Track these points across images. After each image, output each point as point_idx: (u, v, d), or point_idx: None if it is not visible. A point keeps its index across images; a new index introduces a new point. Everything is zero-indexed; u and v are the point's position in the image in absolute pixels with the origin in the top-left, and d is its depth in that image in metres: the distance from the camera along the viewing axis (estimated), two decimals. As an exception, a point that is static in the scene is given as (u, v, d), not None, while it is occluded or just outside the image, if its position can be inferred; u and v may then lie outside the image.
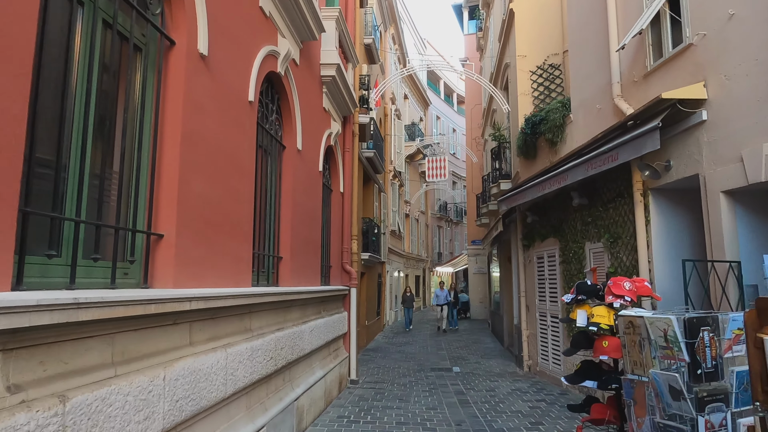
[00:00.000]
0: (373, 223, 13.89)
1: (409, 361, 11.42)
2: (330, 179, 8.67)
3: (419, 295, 28.66)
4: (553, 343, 8.70)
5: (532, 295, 9.70)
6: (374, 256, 13.71)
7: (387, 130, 18.87)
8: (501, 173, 11.81)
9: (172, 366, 2.98)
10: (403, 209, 24.16)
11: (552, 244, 8.75)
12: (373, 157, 13.37)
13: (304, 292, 5.95)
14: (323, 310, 7.43)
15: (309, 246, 6.65)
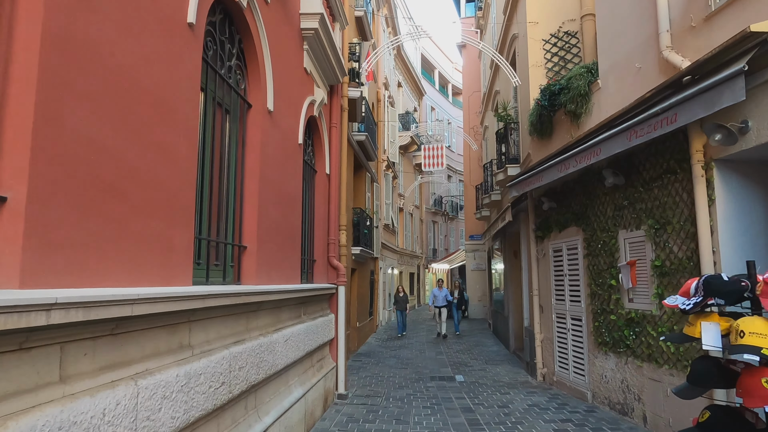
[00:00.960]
0: (365, 215, 12.60)
1: (406, 367, 10.15)
2: (314, 158, 7.36)
3: (413, 293, 27.41)
4: (574, 349, 7.47)
5: (547, 294, 8.46)
6: (366, 250, 12.41)
7: (380, 116, 17.57)
8: (508, 157, 10.56)
9: (6, 427, 1.68)
10: (397, 202, 22.89)
11: (573, 234, 7.51)
12: (365, 141, 12.07)
13: (276, 291, 4.66)
14: (304, 313, 6.13)
15: (285, 235, 5.35)
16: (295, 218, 5.81)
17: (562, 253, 7.86)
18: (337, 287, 7.65)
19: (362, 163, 13.15)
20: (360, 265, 13.10)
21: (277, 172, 5.08)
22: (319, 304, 6.96)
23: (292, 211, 5.67)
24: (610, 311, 6.45)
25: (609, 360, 6.51)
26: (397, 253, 22.77)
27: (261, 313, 4.48)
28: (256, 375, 4.05)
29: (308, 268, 6.88)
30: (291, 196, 5.64)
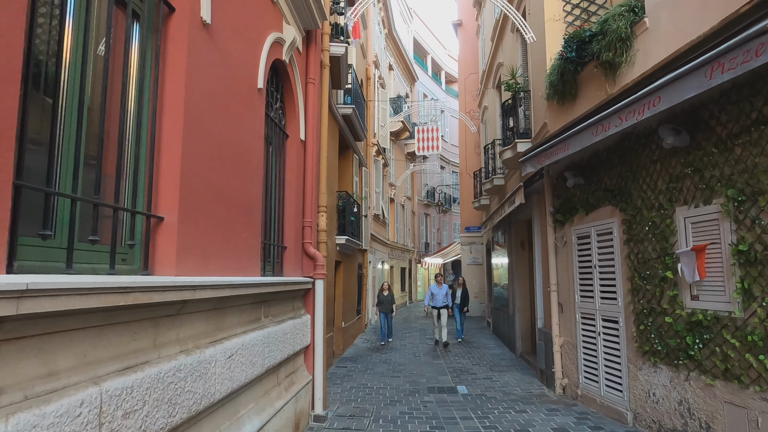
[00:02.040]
0: (352, 200, 11.10)
1: (398, 375, 8.70)
2: (284, 117, 5.85)
3: (405, 289, 25.99)
4: (608, 358, 6.06)
5: (568, 290, 7.04)
6: (353, 240, 10.92)
7: (369, 95, 16.06)
8: (517, 132, 9.12)
9: None
10: (388, 192, 21.41)
11: (607, 216, 6.08)
12: (351, 115, 10.55)
13: (215, 285, 3.16)
14: (267, 315, 4.64)
15: (234, 208, 3.85)
16: (252, 188, 4.31)
17: (591, 239, 6.43)
18: (315, 281, 6.16)
19: (349, 142, 11.64)
20: (346, 258, 11.61)
21: (221, 118, 3.57)
22: (289, 303, 5.47)
23: (247, 178, 4.16)
24: (662, 311, 5.04)
25: (660, 373, 5.10)
26: (388, 247, 21.32)
27: (185, 318, 2.98)
28: (166, 418, 2.55)
29: (276, 257, 5.38)
30: (246, 158, 4.13)
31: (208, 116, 3.36)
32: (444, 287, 12.12)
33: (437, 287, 12.16)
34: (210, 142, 3.37)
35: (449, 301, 12.06)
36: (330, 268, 9.55)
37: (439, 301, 11.98)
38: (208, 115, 3.36)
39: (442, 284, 12.19)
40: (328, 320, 9.05)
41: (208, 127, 3.34)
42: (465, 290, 13.17)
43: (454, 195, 33.71)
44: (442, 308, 11.93)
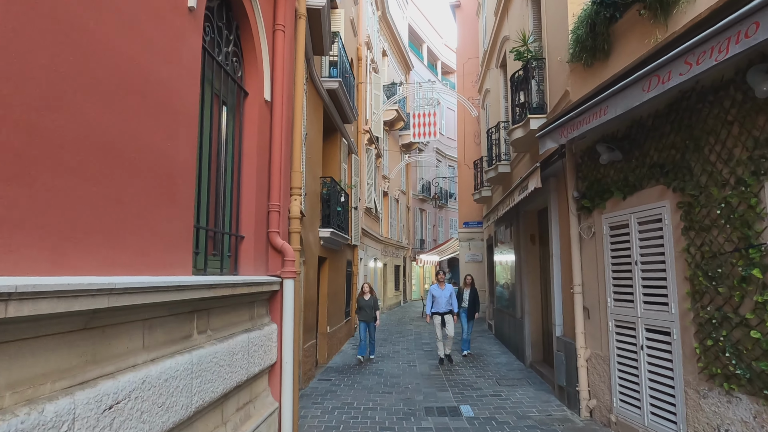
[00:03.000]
0: (339, 188, 9.77)
1: (390, 391, 7.40)
2: (240, 68, 4.52)
3: (399, 288, 24.69)
4: (655, 379, 4.78)
5: (597, 292, 5.77)
6: (339, 234, 9.60)
7: (360, 77, 14.73)
8: (529, 107, 7.83)
9: None
10: (381, 185, 20.10)
11: (655, 198, 4.80)
12: (337, 90, 9.22)
13: (72, 291, 1.83)
14: (202, 331, 3.31)
15: (140, 172, 2.52)
16: (177, 148, 2.97)
17: (630, 229, 5.15)
18: (283, 281, 4.83)
19: (335, 123, 10.31)
20: (332, 254, 10.29)
21: (95, 14, 2.24)
22: (244, 311, 4.14)
23: (166, 132, 2.83)
24: (741, 322, 3.76)
25: (737, 405, 3.82)
26: (381, 243, 20.02)
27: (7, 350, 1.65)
28: None
29: (227, 250, 4.06)
30: (165, 102, 2.80)
31: (76, 5, 2.03)
32: (448, 288, 9.65)
33: (439, 288, 9.63)
34: (70, 46, 2.05)
35: (455, 304, 9.60)
36: (311, 264, 8.24)
37: (443, 306, 9.46)
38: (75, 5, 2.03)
39: (444, 283, 9.66)
40: (308, 326, 7.73)
41: (68, 21, 2.01)
42: (474, 291, 10.73)
43: (450, 190, 32.47)
44: (447, 314, 9.48)
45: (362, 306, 9.84)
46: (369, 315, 9.78)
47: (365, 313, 9.78)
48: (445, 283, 9.77)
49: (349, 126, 12.21)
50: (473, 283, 11.09)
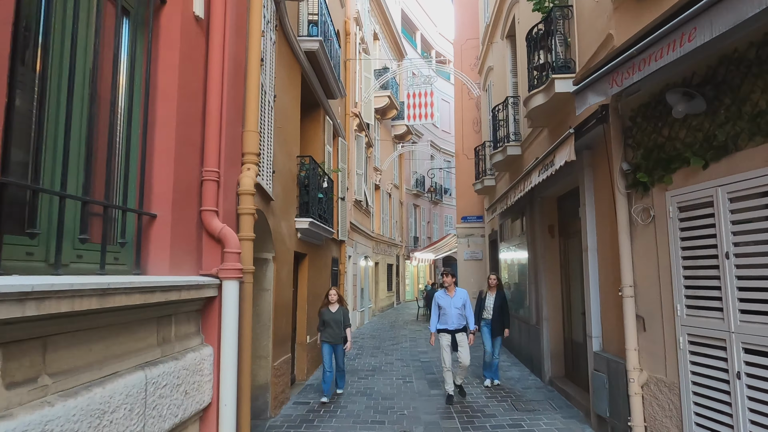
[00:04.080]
0: (321, 171, 8.24)
1: (384, 420, 5.90)
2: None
3: (392, 288, 23.18)
4: (757, 417, 3.30)
5: (658, 296, 4.30)
6: (323, 227, 8.06)
7: (349, 54, 13.20)
8: (552, 67, 6.35)
9: None
10: (372, 177, 18.58)
11: (761, 162, 3.32)
12: (318, 52, 7.69)
13: None
14: (25, 381, 1.77)
15: None
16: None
17: (716, 208, 3.67)
18: (222, 284, 3.29)
19: (316, 95, 8.77)
20: (314, 250, 8.75)
21: None
22: (147, 332, 2.60)
23: None
24: None
25: None
26: (372, 240, 18.51)
27: None
28: None
29: (121, 233, 2.54)
30: None
31: None
32: (460, 294, 6.80)
33: (446, 295, 6.77)
34: None
35: (471, 317, 6.77)
36: (285, 261, 6.72)
37: (453, 320, 6.66)
38: None
39: (454, 288, 6.83)
40: (280, 337, 6.23)
41: None
42: (503, 297, 7.69)
43: (446, 185, 31.04)
44: (460, 332, 6.71)
45: (327, 321, 6.87)
46: (336, 333, 6.86)
47: (331, 332, 6.83)
48: (456, 287, 6.86)
49: (334, 103, 10.68)
50: (500, 285, 7.91)
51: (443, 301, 6.77)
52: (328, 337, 6.85)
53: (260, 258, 6.09)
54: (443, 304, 6.75)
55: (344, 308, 7.06)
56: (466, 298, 6.81)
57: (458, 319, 6.72)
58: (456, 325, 6.70)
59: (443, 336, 6.73)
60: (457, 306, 6.72)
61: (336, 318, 6.89)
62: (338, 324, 6.89)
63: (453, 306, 6.70)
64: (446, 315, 6.73)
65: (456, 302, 6.72)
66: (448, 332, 6.72)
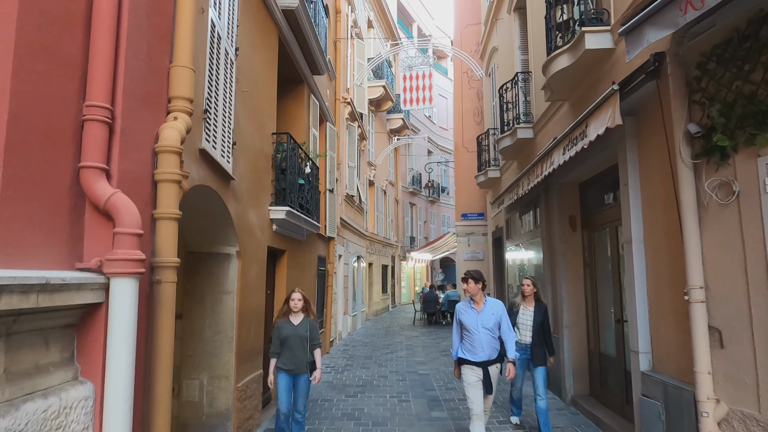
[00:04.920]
0: (303, 154, 7.04)
1: (372, 456, 4.71)
2: None
3: (387, 291, 21.98)
4: None
5: (744, 302, 3.14)
6: (303, 218, 6.86)
7: (339, 33, 12.04)
8: (580, 21, 5.20)
9: None
10: (366, 173, 17.40)
11: None
12: (298, 12, 6.53)
13: None
14: None
15: None
16: None
17: None
18: (110, 283, 2.09)
19: (299, 68, 7.60)
20: (294, 246, 7.56)
21: None
22: None
23: None
24: None
25: None
26: (366, 239, 17.32)
27: None
28: None
29: None
30: None
31: None
32: (493, 306, 4.46)
33: (472, 308, 4.47)
34: None
35: (509, 341, 4.44)
36: (254, 258, 5.53)
37: (483, 347, 4.36)
38: None
39: (484, 298, 4.48)
40: (248, 352, 5.06)
41: None
42: (544, 311, 5.29)
43: (443, 184, 29.93)
44: (491, 364, 4.41)
45: (286, 338, 4.58)
46: (299, 358, 4.58)
47: (291, 355, 4.56)
48: (486, 294, 4.53)
49: (321, 83, 9.51)
50: (539, 293, 5.40)
51: (467, 317, 4.42)
52: (286, 363, 4.51)
53: (218, 253, 4.91)
54: (468, 323, 4.39)
55: (311, 320, 4.74)
56: (502, 312, 4.44)
57: (490, 345, 4.36)
58: (487, 354, 4.33)
59: (469, 370, 4.37)
60: (488, 325, 4.34)
61: (300, 334, 4.58)
62: (302, 343, 4.57)
63: (481, 325, 4.34)
64: (472, 339, 4.36)
65: (486, 319, 4.34)
66: (476, 366, 4.35)
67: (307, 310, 4.76)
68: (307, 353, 4.63)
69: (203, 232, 4.82)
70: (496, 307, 4.47)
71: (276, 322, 4.75)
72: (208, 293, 4.94)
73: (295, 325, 4.68)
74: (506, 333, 4.45)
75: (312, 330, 4.70)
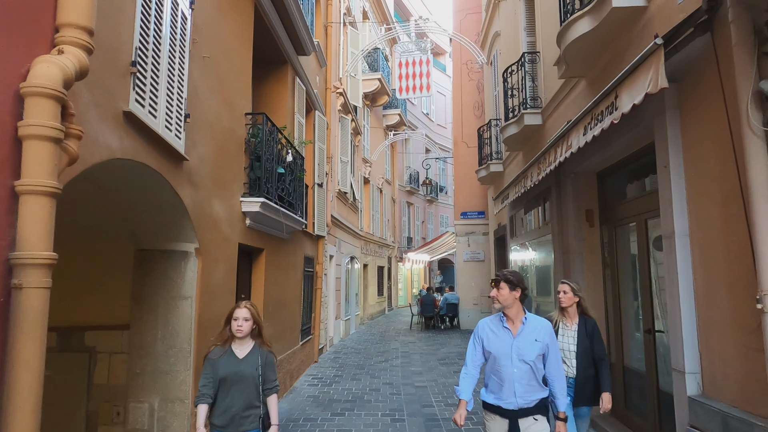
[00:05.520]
0: (284, 140, 6.22)
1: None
2: None
3: (383, 293, 21.14)
4: None
5: None
6: (284, 211, 6.02)
7: (330, 16, 11.24)
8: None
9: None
10: (361, 169, 16.60)
11: None
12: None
13: None
14: None
15: None
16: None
17: None
18: None
19: (281, 46, 6.80)
20: (276, 245, 6.74)
21: None
22: None
23: None
24: None
25: None
26: (361, 239, 16.50)
27: None
28: None
29: None
30: None
31: None
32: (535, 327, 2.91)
33: (503, 327, 2.94)
34: None
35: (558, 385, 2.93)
36: (221, 258, 4.72)
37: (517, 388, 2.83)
38: None
39: (522, 314, 2.94)
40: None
41: None
42: (592, 329, 3.69)
43: (441, 183, 29.16)
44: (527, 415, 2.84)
45: (225, 378, 2.99)
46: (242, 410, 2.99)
47: (230, 405, 2.99)
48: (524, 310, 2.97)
49: (309, 68, 8.70)
50: (583, 304, 3.80)
51: (496, 343, 2.93)
52: (222, 418, 2.98)
53: (173, 251, 4.09)
54: (496, 351, 2.91)
55: (264, 351, 3.13)
56: (549, 338, 2.91)
57: (529, 386, 2.86)
58: (523, 399, 2.85)
59: (493, 420, 2.95)
60: (529, 357, 2.84)
61: (245, 372, 3.00)
62: (249, 387, 3.01)
63: (517, 356, 2.85)
64: (501, 374, 2.88)
65: (525, 347, 2.85)
66: (504, 414, 2.89)
67: (257, 335, 3.13)
68: (256, 400, 3.02)
69: (154, 226, 4.01)
70: (541, 329, 2.89)
71: (210, 352, 3.08)
72: (161, 299, 4.12)
73: (239, 358, 3.01)
74: (555, 370, 2.89)
75: (266, 366, 3.06)
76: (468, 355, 3.10)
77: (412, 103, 25.25)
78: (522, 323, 2.92)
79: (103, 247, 4.35)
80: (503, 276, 2.95)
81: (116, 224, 4.00)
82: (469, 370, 3.05)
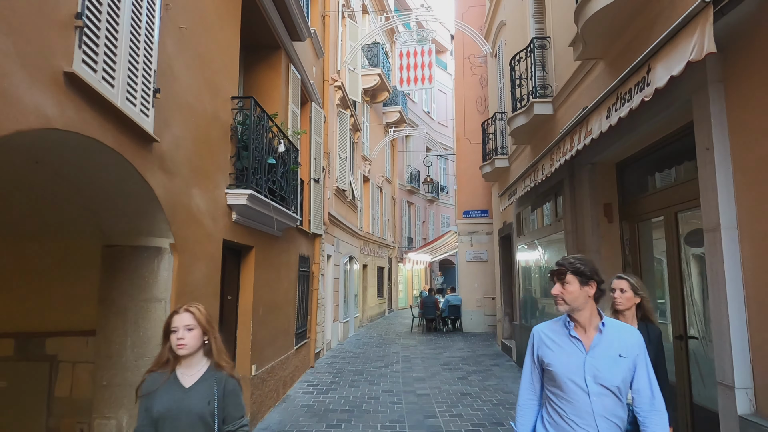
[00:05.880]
0: (276, 128, 5.74)
1: None
2: None
3: (383, 294, 20.63)
4: None
5: None
6: (275, 205, 5.53)
7: (327, 6, 10.78)
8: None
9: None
10: (360, 167, 16.13)
11: None
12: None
13: None
14: None
15: None
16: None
17: None
18: None
19: (274, 31, 6.33)
20: (267, 242, 6.25)
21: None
22: None
23: None
24: None
25: None
26: (360, 239, 16.03)
27: None
28: None
29: None
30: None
31: None
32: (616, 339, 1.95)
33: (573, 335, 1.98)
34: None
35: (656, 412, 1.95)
36: (200, 255, 4.24)
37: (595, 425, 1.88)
38: None
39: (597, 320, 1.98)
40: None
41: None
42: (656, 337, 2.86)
43: (442, 183, 28.70)
44: None
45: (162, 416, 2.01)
46: None
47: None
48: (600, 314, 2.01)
49: (303, 51, 8.22)
50: (645, 306, 2.88)
51: (560, 358, 1.99)
52: None
53: (145, 246, 3.61)
54: (560, 370, 1.97)
55: (225, 375, 2.13)
56: (638, 351, 1.96)
57: (611, 419, 1.91)
58: None
59: None
60: (609, 380, 1.90)
61: (193, 408, 2.02)
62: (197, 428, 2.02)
63: (593, 378, 1.91)
64: (571, 403, 1.93)
65: (603, 367, 1.92)
66: None
67: (217, 353, 2.15)
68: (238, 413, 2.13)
69: (122, 218, 3.52)
70: (628, 339, 1.98)
71: (142, 383, 2.14)
72: (132, 301, 3.63)
73: (184, 387, 2.07)
74: (646, 398, 1.97)
75: (225, 399, 2.10)
76: (524, 377, 2.14)
77: (413, 101, 24.81)
78: (598, 331, 1.97)
79: (66, 244, 3.87)
80: (570, 265, 1.99)
81: (79, 216, 3.52)
82: (528, 396, 2.11)
